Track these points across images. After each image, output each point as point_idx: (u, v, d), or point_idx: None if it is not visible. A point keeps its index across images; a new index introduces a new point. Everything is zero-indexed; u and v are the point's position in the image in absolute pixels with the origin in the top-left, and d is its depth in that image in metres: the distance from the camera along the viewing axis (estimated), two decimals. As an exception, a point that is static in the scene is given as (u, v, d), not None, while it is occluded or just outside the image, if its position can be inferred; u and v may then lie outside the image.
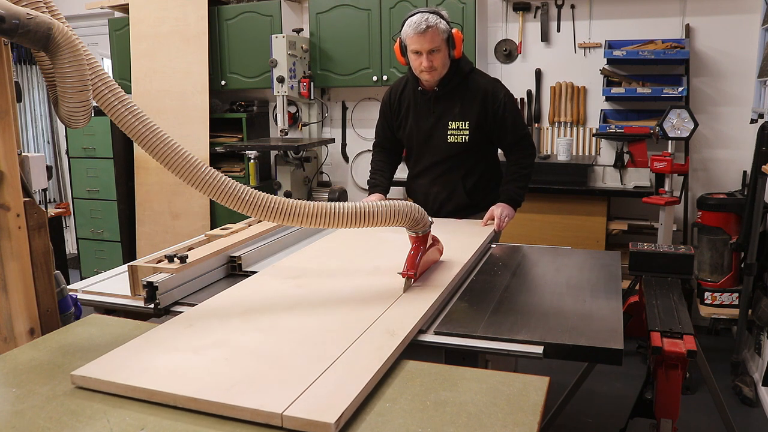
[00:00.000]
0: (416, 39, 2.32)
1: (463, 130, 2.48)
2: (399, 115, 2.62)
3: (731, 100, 3.77)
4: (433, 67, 2.36)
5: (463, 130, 2.48)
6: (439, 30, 2.32)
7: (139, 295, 1.70)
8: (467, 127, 2.48)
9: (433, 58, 2.35)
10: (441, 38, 2.33)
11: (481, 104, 2.46)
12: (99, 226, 4.85)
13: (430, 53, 2.33)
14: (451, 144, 2.51)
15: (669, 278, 2.01)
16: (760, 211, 3.03)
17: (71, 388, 1.17)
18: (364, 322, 1.43)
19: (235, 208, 1.46)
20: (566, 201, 3.64)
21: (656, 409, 1.61)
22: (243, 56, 4.46)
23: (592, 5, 3.95)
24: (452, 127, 2.49)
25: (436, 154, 2.56)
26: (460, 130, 2.49)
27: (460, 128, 2.49)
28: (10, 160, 1.38)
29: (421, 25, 2.29)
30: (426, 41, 2.31)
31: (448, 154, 2.53)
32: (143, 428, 1.03)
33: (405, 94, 2.58)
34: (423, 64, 2.36)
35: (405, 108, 2.58)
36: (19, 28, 1.20)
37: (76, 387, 1.17)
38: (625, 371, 3.07)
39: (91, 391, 1.16)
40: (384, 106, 2.67)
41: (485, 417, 1.06)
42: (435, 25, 2.30)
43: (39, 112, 5.63)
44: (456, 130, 2.49)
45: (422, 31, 2.29)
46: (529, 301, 1.69)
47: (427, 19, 2.30)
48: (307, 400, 1.07)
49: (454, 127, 2.49)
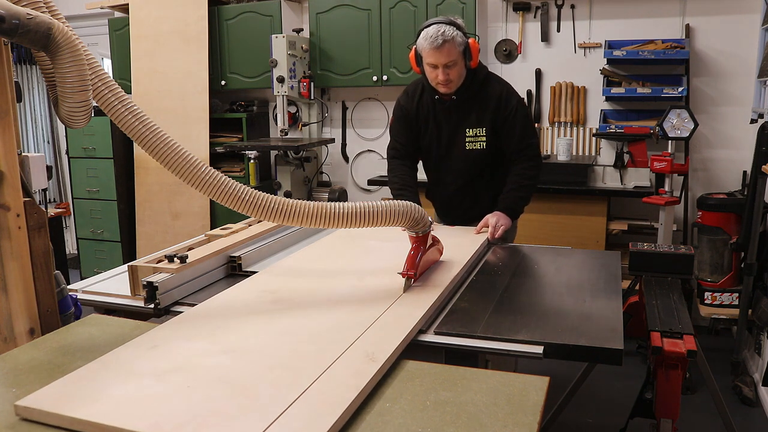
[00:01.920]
0: (432, 53, 2.26)
1: (480, 137, 2.45)
2: (418, 122, 2.54)
3: (731, 100, 3.77)
4: (449, 80, 2.31)
5: (480, 137, 2.45)
6: (455, 43, 2.26)
7: (139, 295, 1.70)
8: (484, 134, 2.44)
9: (449, 72, 2.30)
10: (457, 51, 2.27)
11: (494, 110, 2.42)
12: (99, 226, 4.85)
13: (446, 67, 2.28)
14: (469, 151, 2.47)
15: (669, 278, 2.01)
16: (760, 211, 3.03)
17: (15, 420, 1.06)
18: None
19: (235, 208, 1.46)
20: (566, 201, 3.64)
21: (656, 409, 1.61)
22: (243, 56, 4.46)
23: (592, 5, 3.95)
24: (470, 135, 2.46)
25: (457, 162, 2.51)
26: (477, 137, 2.45)
27: (477, 135, 2.45)
28: (10, 160, 1.38)
29: (438, 39, 2.22)
30: (442, 55, 2.25)
31: (468, 161, 2.49)
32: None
33: (423, 101, 2.51)
34: (439, 78, 2.31)
35: (424, 115, 2.52)
36: (19, 28, 1.20)
37: (21, 419, 1.06)
38: (625, 371, 3.06)
39: (36, 424, 1.04)
40: (401, 111, 2.56)
41: (485, 417, 1.06)
42: (452, 39, 2.24)
43: (39, 112, 5.63)
44: (473, 137, 2.45)
45: (438, 46, 2.23)
46: (529, 301, 1.69)
47: (444, 32, 2.23)
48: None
49: (472, 135, 2.45)
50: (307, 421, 1.01)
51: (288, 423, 1.01)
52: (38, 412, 1.05)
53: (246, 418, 1.02)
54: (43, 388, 1.11)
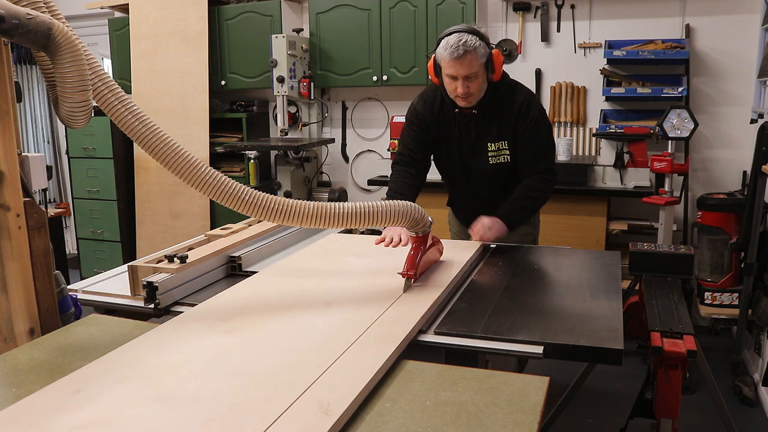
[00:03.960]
0: (452, 64, 2.10)
1: (504, 150, 2.31)
2: (438, 132, 2.37)
3: (731, 100, 3.77)
4: (469, 93, 2.16)
5: (503, 150, 2.31)
6: (478, 54, 2.10)
7: (139, 295, 1.70)
8: (507, 147, 2.30)
9: (469, 84, 2.14)
10: (479, 63, 2.12)
11: (514, 121, 2.28)
12: (99, 226, 4.85)
13: (466, 79, 2.12)
14: (494, 166, 2.33)
15: (669, 278, 2.01)
16: (760, 211, 3.03)
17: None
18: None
19: (235, 208, 1.46)
20: (566, 201, 3.64)
21: (656, 409, 1.61)
22: (243, 56, 4.46)
23: (592, 5, 3.95)
24: (492, 149, 2.31)
25: (481, 176, 2.38)
26: (501, 151, 2.31)
27: (500, 149, 2.31)
28: (10, 160, 1.38)
29: (459, 49, 2.06)
30: (463, 67, 2.10)
31: (493, 175, 2.36)
32: None
33: (443, 113, 2.33)
34: (458, 90, 2.16)
35: (444, 128, 2.35)
36: (19, 28, 1.20)
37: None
38: (625, 371, 3.07)
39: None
40: (417, 118, 2.37)
41: (485, 417, 1.06)
42: (474, 49, 2.08)
43: (39, 112, 5.63)
44: (496, 151, 2.31)
45: (459, 56, 2.07)
46: (529, 301, 1.69)
47: (466, 42, 2.07)
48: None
49: (494, 149, 2.31)
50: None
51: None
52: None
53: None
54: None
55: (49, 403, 1.07)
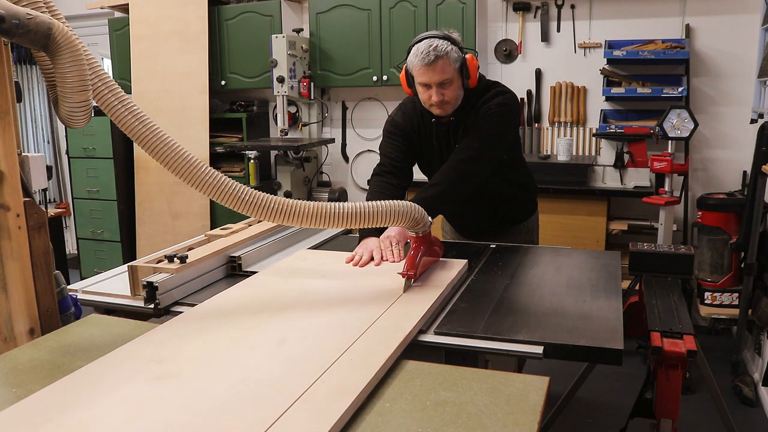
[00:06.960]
0: (424, 71, 1.99)
1: None
2: (420, 143, 2.26)
3: (731, 100, 3.77)
4: (444, 101, 2.05)
5: None
6: (450, 59, 1.99)
7: (139, 295, 1.70)
8: None
9: (444, 92, 2.03)
10: (453, 68, 2.01)
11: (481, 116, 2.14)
12: (99, 226, 4.85)
13: (440, 86, 2.01)
14: None
15: (669, 278, 2.01)
16: (760, 211, 3.03)
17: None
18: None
19: (235, 208, 1.46)
20: (566, 201, 3.64)
21: (656, 409, 1.61)
22: (243, 56, 4.47)
23: (592, 5, 3.95)
24: None
25: None
26: None
27: None
28: (10, 160, 1.38)
29: (430, 54, 1.95)
30: (436, 73, 1.99)
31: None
32: None
33: (423, 123, 2.22)
34: (433, 99, 2.04)
35: (425, 139, 2.25)
36: (19, 28, 1.20)
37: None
38: (625, 371, 3.06)
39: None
40: (397, 129, 2.25)
41: (485, 417, 1.06)
42: (445, 54, 1.97)
43: (39, 112, 5.63)
44: None
45: (431, 62, 1.97)
46: (529, 301, 1.69)
47: (436, 46, 1.96)
48: None
49: None
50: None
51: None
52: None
53: None
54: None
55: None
